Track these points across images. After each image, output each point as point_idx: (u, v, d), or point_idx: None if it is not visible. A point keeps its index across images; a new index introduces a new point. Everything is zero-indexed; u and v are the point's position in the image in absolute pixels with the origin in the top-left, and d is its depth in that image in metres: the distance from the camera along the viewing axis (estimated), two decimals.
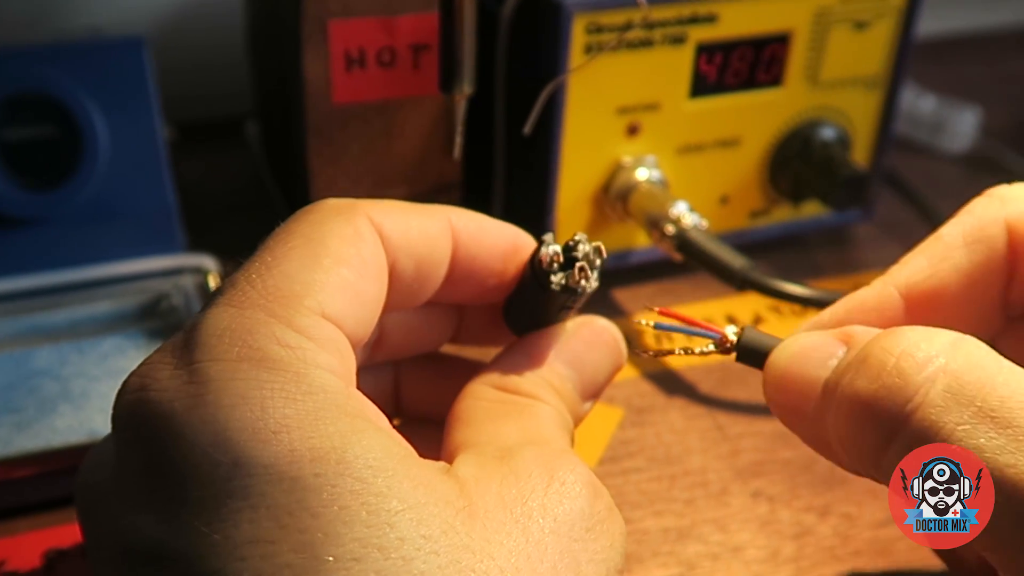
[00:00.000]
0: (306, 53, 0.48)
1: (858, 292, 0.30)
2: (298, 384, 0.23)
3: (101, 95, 0.47)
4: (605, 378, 0.32)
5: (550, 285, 0.29)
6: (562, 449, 0.27)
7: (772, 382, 0.28)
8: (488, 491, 0.24)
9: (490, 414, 0.29)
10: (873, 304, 0.30)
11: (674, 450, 0.45)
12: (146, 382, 0.24)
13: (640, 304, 0.54)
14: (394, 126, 0.51)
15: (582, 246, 0.29)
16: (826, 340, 0.28)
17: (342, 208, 0.28)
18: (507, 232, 0.31)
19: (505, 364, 0.30)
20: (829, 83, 0.54)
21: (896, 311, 0.29)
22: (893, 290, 0.29)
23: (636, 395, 0.48)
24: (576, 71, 0.47)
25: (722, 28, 0.50)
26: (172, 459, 0.23)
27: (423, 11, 0.48)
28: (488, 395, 0.29)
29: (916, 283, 0.29)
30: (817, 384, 0.27)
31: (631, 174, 0.51)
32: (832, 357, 0.27)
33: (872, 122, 0.56)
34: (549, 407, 0.29)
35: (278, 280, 0.25)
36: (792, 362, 0.28)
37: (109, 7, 0.65)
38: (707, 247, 0.47)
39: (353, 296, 0.26)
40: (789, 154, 0.54)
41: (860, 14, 0.53)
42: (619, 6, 0.47)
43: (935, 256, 0.29)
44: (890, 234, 0.61)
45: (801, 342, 0.28)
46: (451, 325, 0.34)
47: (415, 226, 0.29)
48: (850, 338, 0.27)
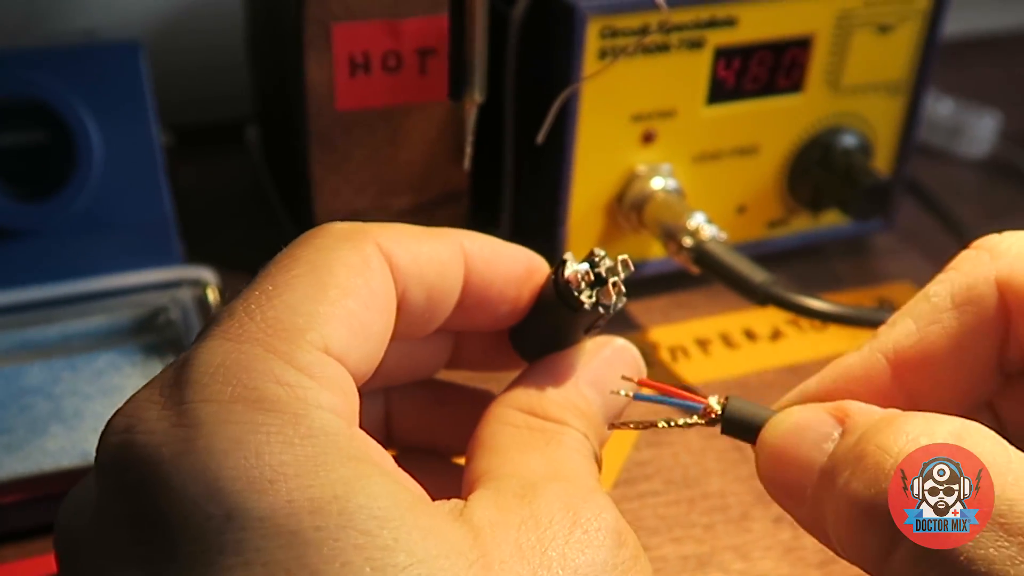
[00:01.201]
0: (308, 58, 0.47)
1: (845, 358, 0.29)
2: (297, 427, 0.22)
3: (95, 100, 0.46)
4: (624, 401, 0.30)
5: (582, 305, 0.28)
6: (589, 488, 0.26)
7: (766, 462, 0.27)
8: (505, 539, 0.23)
9: (516, 441, 0.27)
10: (860, 372, 0.28)
11: (692, 472, 0.44)
12: (132, 423, 0.23)
13: (655, 318, 0.53)
14: (400, 133, 0.50)
15: (605, 261, 0.28)
16: (820, 418, 0.26)
17: (350, 234, 0.26)
18: (521, 256, 0.30)
19: (530, 386, 0.29)
20: (851, 88, 0.53)
21: (884, 378, 0.28)
22: (880, 357, 0.28)
23: (651, 414, 0.46)
24: (590, 78, 0.46)
25: (741, 32, 0.49)
26: (160, 510, 0.21)
27: (430, 14, 0.47)
28: (514, 419, 0.28)
29: (904, 348, 0.28)
30: (813, 468, 0.25)
31: (646, 183, 0.50)
32: (827, 439, 0.25)
33: (894, 129, 0.55)
34: (578, 434, 0.28)
35: (279, 311, 0.24)
36: (786, 441, 0.26)
37: (106, 9, 0.64)
38: (726, 260, 0.46)
39: (359, 330, 0.25)
40: (809, 162, 0.53)
41: (884, 17, 0.52)
42: (635, 9, 0.46)
43: (923, 319, 0.28)
44: (911, 243, 0.60)
45: (794, 418, 0.27)
46: (448, 351, 0.33)
47: (426, 252, 0.27)
48: (845, 417, 0.26)
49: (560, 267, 0.28)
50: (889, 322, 0.28)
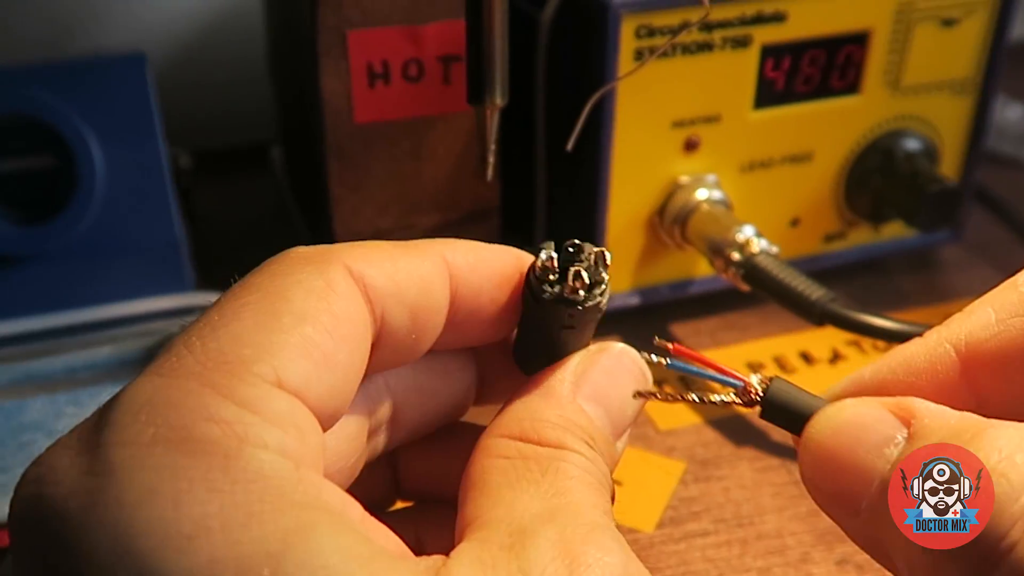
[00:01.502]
0: (323, 67, 0.46)
1: (907, 346, 0.26)
2: (227, 471, 0.20)
3: (97, 117, 0.45)
4: (633, 412, 0.28)
5: (543, 295, 0.26)
6: (592, 525, 0.23)
7: (812, 462, 0.25)
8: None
9: (508, 476, 0.25)
10: (923, 364, 0.26)
11: (744, 509, 0.42)
12: (42, 473, 0.20)
13: (703, 341, 0.52)
14: (423, 147, 0.48)
15: (585, 254, 0.27)
16: (880, 416, 0.24)
17: (312, 257, 0.24)
18: (508, 257, 0.28)
19: (521, 409, 0.27)
20: (912, 89, 0.52)
21: (951, 373, 0.25)
22: (949, 348, 0.25)
23: (699, 445, 0.45)
24: (625, 79, 0.45)
25: (791, 28, 0.48)
26: (69, 572, 0.19)
27: (453, 17, 0.46)
28: (505, 450, 0.26)
29: (979, 341, 0.25)
30: (872, 477, 0.23)
31: (690, 195, 0.49)
32: (889, 443, 0.23)
33: (961, 132, 0.54)
34: (580, 458, 0.25)
35: (224, 343, 0.22)
36: (838, 441, 0.24)
37: (124, 30, 0.65)
38: (779, 276, 0.45)
39: (321, 359, 0.23)
40: (868, 169, 0.52)
41: (947, 10, 0.50)
42: (673, 5, 0.45)
43: (1006, 310, 0.25)
44: (981, 256, 0.58)
45: (848, 413, 0.24)
46: (470, 383, 0.30)
47: (404, 269, 0.25)
48: (911, 418, 0.23)
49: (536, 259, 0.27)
50: (965, 311, 0.26)
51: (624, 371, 0.28)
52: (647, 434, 0.45)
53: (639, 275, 0.50)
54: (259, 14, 0.62)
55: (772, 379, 0.26)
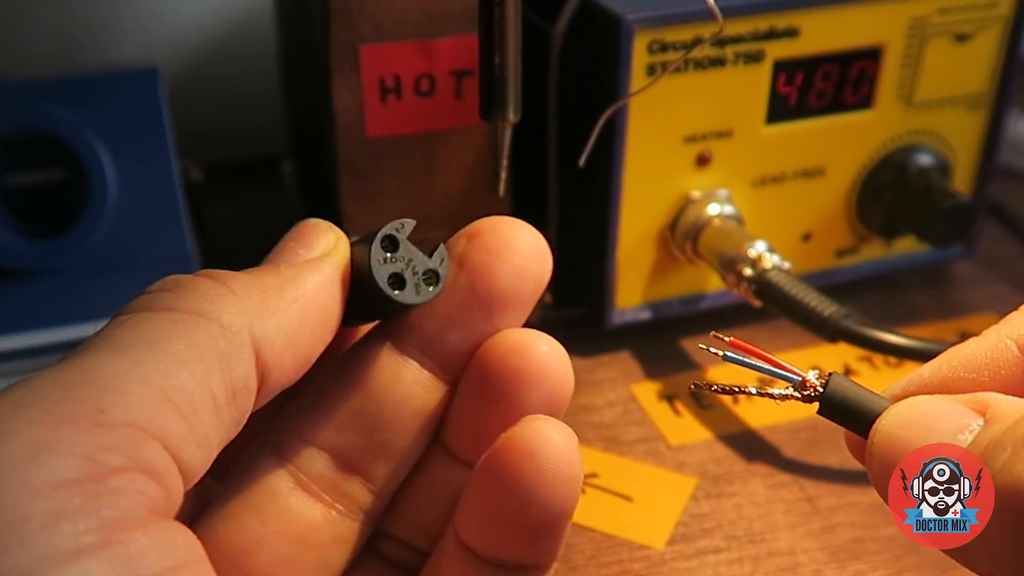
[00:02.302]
0: (336, 82, 0.45)
1: (965, 345, 0.26)
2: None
3: (110, 132, 0.45)
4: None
5: (390, 291, 0.26)
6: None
7: (882, 456, 0.24)
8: None
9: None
10: (984, 360, 0.25)
11: (756, 526, 0.41)
12: None
13: (713, 356, 0.50)
14: (435, 161, 0.48)
15: (401, 250, 0.26)
16: (954, 408, 0.23)
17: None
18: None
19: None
20: (926, 104, 0.51)
21: (1013, 370, 0.25)
22: (1011, 344, 0.25)
23: (711, 461, 0.45)
24: (638, 94, 0.44)
25: (803, 44, 0.47)
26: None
27: (465, 33, 0.46)
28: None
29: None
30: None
31: (702, 210, 0.48)
32: (964, 429, 0.22)
33: (974, 147, 0.54)
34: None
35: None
36: (910, 432, 0.23)
37: (135, 43, 0.65)
38: (792, 292, 0.45)
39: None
40: (881, 184, 0.52)
41: (961, 25, 0.50)
42: (686, 21, 0.44)
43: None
44: (994, 271, 0.58)
45: (921, 406, 0.24)
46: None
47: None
48: (987, 408, 0.23)
49: (356, 244, 0.27)
50: (1021, 309, 0.25)
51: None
52: (658, 450, 0.44)
53: (650, 290, 0.50)
54: (270, 27, 0.62)
55: (831, 375, 0.26)
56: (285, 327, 0.24)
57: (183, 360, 0.22)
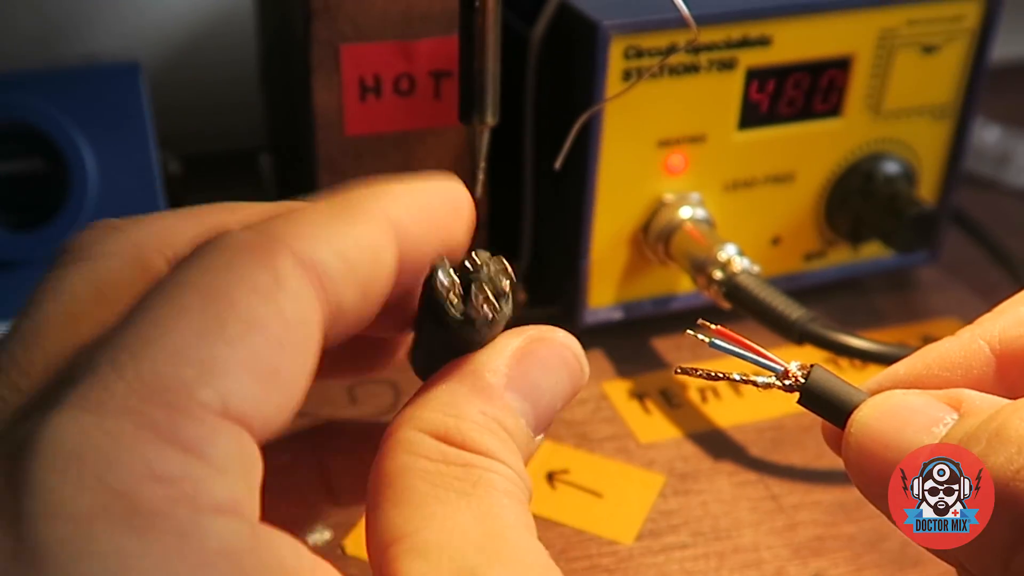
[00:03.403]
0: (316, 81, 0.45)
1: (940, 344, 0.26)
2: (185, 556, 0.17)
3: (91, 125, 0.45)
4: (561, 406, 0.25)
5: (446, 318, 0.24)
6: (543, 567, 0.21)
7: (858, 447, 0.24)
8: None
9: (435, 487, 0.22)
10: (958, 359, 0.25)
11: (722, 523, 0.42)
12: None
13: (684, 356, 0.52)
14: (413, 160, 0.48)
15: (486, 268, 0.24)
16: (928, 401, 0.24)
17: (254, 245, 0.20)
18: (450, 200, 0.25)
19: (442, 399, 0.24)
20: (893, 113, 0.51)
21: (985, 370, 0.25)
22: (983, 345, 0.25)
23: (678, 459, 0.45)
24: (613, 99, 0.45)
25: (775, 52, 0.47)
26: None
27: (445, 34, 0.46)
28: (427, 450, 0.23)
29: (1013, 338, 0.25)
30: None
31: (674, 213, 0.48)
32: (938, 423, 0.23)
33: (940, 155, 0.54)
34: (509, 471, 0.23)
35: (160, 362, 0.18)
36: (885, 424, 0.24)
37: (113, 35, 0.64)
38: (760, 295, 0.45)
39: (268, 377, 0.19)
40: (849, 191, 0.52)
41: (929, 37, 0.50)
42: (662, 28, 0.44)
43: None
44: (957, 277, 0.58)
45: (897, 399, 0.24)
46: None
47: (353, 242, 0.22)
48: (961, 403, 0.23)
49: (429, 277, 0.24)
50: (996, 310, 0.26)
51: (562, 365, 0.25)
52: (627, 447, 0.45)
53: (622, 290, 0.50)
54: (251, 22, 0.62)
55: (812, 366, 0.26)
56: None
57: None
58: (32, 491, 0.17)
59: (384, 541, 0.21)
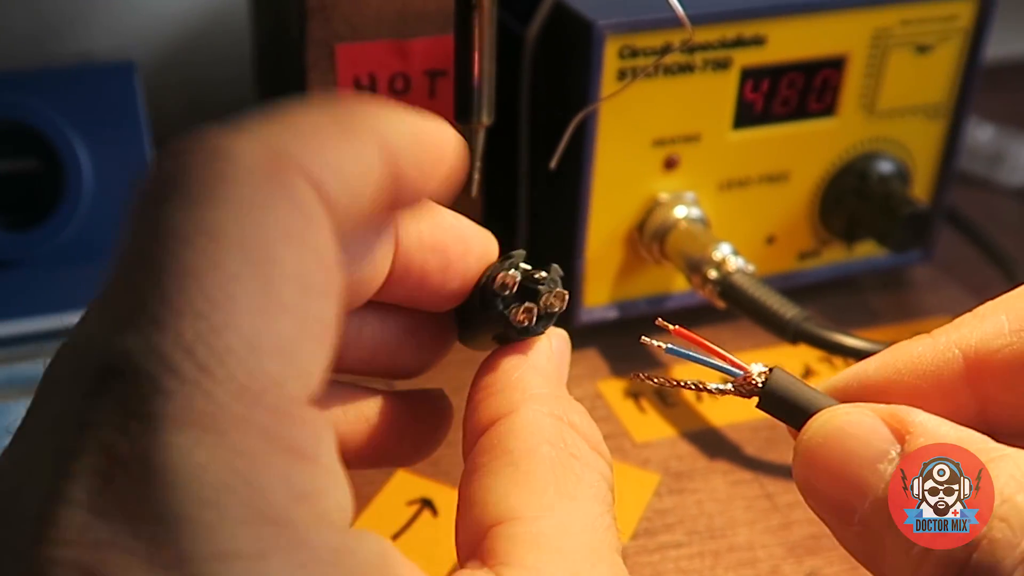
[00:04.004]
0: (312, 80, 0.46)
1: (913, 345, 0.25)
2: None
3: (86, 125, 0.45)
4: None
5: (491, 307, 0.25)
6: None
7: (804, 467, 0.24)
8: None
9: (556, 474, 0.22)
10: (929, 367, 0.25)
11: (717, 522, 0.42)
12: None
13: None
14: None
15: (545, 286, 0.26)
16: (874, 428, 0.23)
17: (270, 168, 0.18)
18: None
19: (559, 385, 0.25)
20: (887, 112, 0.52)
21: (956, 379, 0.24)
22: (958, 353, 0.24)
23: (673, 458, 0.45)
24: (608, 99, 0.45)
25: (770, 52, 0.47)
26: None
27: (440, 33, 0.46)
28: (554, 435, 0.23)
29: (989, 351, 0.24)
30: (866, 493, 0.22)
31: (669, 212, 0.48)
32: (884, 458, 0.22)
33: (933, 155, 0.54)
34: (609, 473, 0.23)
35: (242, 355, 0.16)
36: (831, 452, 0.23)
37: (108, 33, 0.64)
38: (754, 294, 0.45)
39: (322, 336, 0.18)
40: (843, 190, 0.52)
41: (922, 36, 0.50)
42: (656, 27, 0.44)
43: (1020, 318, 0.24)
44: (951, 276, 0.59)
45: (841, 421, 0.23)
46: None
47: (353, 166, 0.20)
48: (906, 434, 0.22)
49: (503, 262, 0.26)
50: (976, 314, 0.25)
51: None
52: (623, 446, 0.45)
53: (617, 289, 0.50)
54: (246, 21, 0.62)
55: (772, 370, 0.25)
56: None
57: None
58: (192, 531, 0.16)
59: (492, 516, 0.21)
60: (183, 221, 0.17)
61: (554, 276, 0.26)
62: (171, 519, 0.16)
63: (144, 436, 0.16)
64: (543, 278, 0.26)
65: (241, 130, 0.19)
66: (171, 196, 0.18)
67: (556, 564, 0.20)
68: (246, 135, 0.19)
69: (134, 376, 0.16)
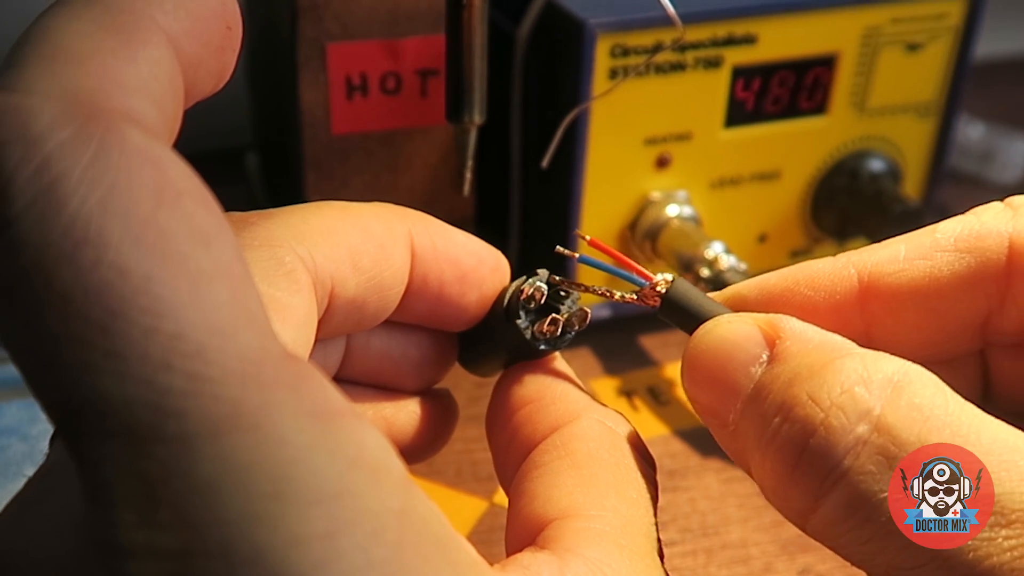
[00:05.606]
0: (303, 79, 0.45)
1: (814, 263, 0.27)
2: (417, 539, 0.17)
3: None
4: None
5: (515, 319, 0.27)
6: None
7: (688, 373, 0.25)
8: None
9: (614, 478, 0.24)
10: (825, 281, 0.26)
11: (710, 520, 0.42)
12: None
13: (671, 353, 0.52)
14: (400, 159, 0.48)
15: (567, 304, 0.27)
16: (750, 334, 0.24)
17: (84, 132, 0.16)
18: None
19: (594, 403, 0.26)
20: (878, 110, 0.52)
21: (849, 297, 0.26)
22: (853, 273, 0.26)
23: (666, 455, 0.45)
24: (600, 97, 0.45)
25: (761, 50, 0.48)
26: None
27: (431, 33, 0.46)
28: (610, 444, 0.25)
29: (883, 273, 0.25)
30: (738, 394, 0.24)
31: (661, 211, 0.49)
32: (755, 361, 0.23)
33: (924, 153, 0.54)
34: (655, 481, 0.25)
35: (216, 341, 0.17)
36: (709, 358, 0.24)
37: None
38: None
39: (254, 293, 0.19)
40: (834, 188, 0.52)
41: (913, 35, 0.50)
42: (648, 26, 0.45)
43: (916, 249, 0.25)
44: None
45: (722, 330, 0.24)
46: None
47: (154, 79, 0.18)
48: (775, 340, 0.23)
49: (526, 277, 0.27)
50: (881, 243, 0.26)
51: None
52: None
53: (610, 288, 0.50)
54: None
55: (675, 279, 0.26)
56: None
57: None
58: (259, 520, 0.15)
59: (556, 510, 0.23)
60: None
61: (576, 296, 0.27)
62: (226, 514, 0.15)
63: (179, 458, 0.15)
64: (566, 295, 0.27)
65: (29, 90, 0.17)
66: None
67: (618, 561, 0.22)
68: (39, 96, 0.17)
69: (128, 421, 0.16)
